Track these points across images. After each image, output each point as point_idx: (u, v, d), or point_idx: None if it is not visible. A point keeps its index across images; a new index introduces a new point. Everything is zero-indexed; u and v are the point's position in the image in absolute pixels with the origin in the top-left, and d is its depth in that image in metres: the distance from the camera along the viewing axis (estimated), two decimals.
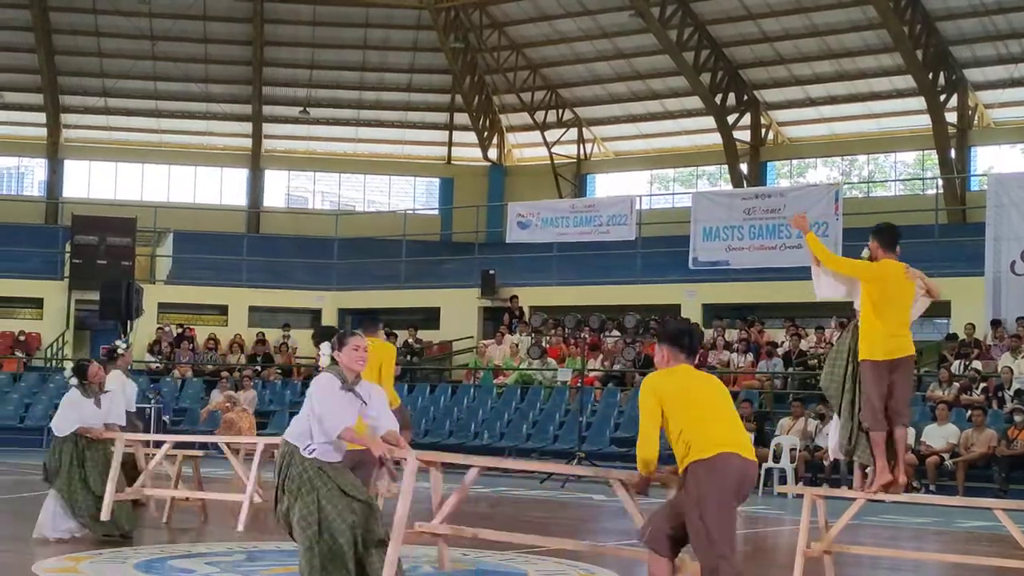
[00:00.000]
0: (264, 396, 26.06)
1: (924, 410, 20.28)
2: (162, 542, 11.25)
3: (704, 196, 28.32)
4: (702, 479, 7.16)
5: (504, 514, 15.61)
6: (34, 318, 30.05)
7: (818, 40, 29.57)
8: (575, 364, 24.26)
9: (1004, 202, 23.59)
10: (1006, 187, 24.11)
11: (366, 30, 33.29)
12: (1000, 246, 23.17)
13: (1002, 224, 23.29)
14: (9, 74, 33.70)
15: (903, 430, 9.07)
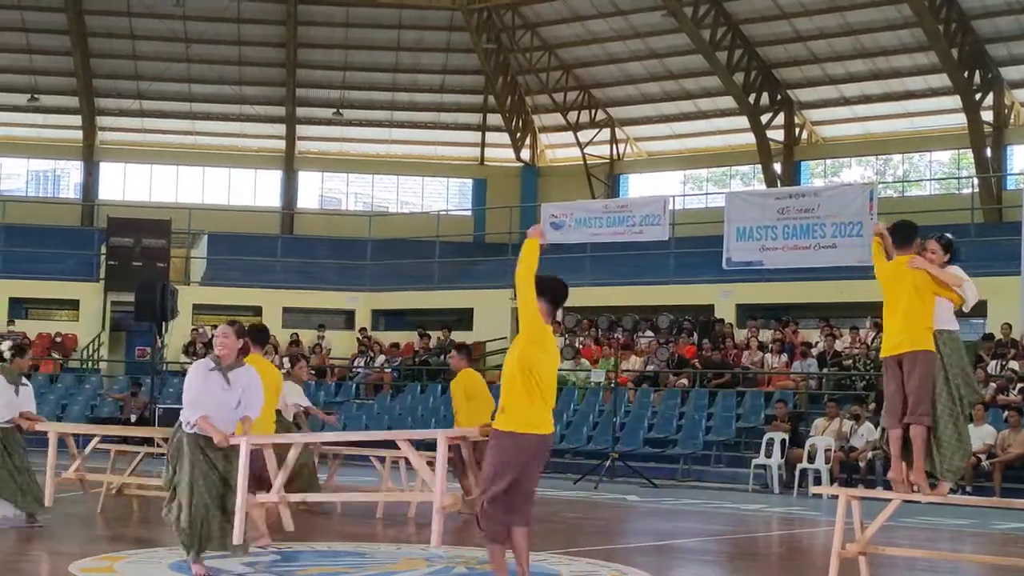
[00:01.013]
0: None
1: None
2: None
3: (738, 196, 28.23)
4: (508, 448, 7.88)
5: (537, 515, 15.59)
6: (70, 320, 30.25)
7: (852, 39, 29.46)
8: (608, 365, 24.24)
9: None
10: None
11: (399, 31, 33.37)
12: None
13: None
14: (45, 77, 33.95)
15: (918, 428, 8.89)
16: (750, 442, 21.77)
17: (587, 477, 20.68)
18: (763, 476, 20.59)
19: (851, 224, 25.15)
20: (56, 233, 32.59)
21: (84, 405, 26.87)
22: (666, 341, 25.70)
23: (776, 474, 20.38)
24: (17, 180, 36.16)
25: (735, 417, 22.89)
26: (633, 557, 11.23)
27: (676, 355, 25.19)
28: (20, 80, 33.93)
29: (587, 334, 27.10)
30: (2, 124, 34.89)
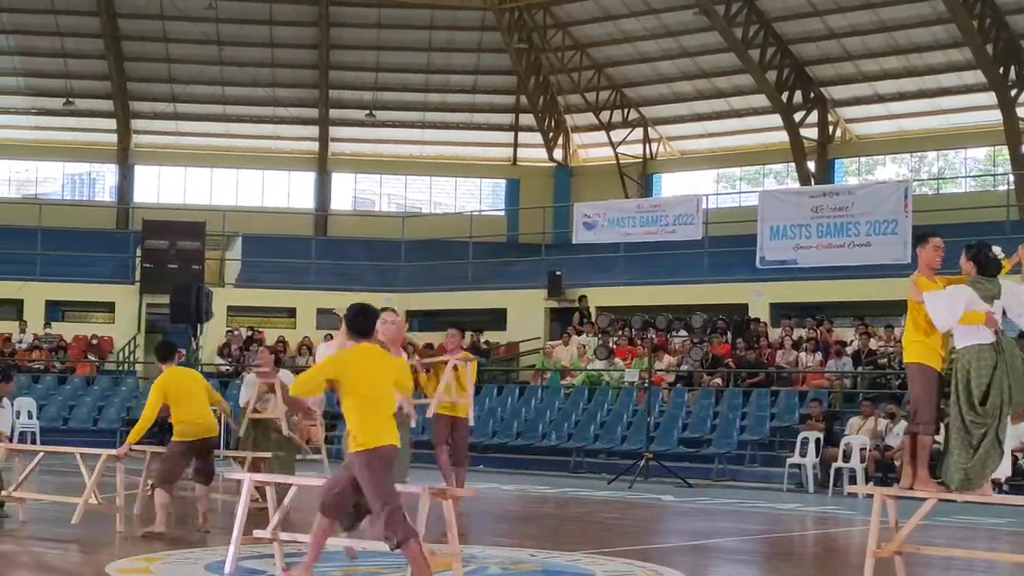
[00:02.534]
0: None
1: None
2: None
3: (771, 195, 28.19)
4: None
5: (571, 515, 15.61)
6: (106, 322, 30.44)
7: (886, 36, 29.34)
8: (642, 365, 24.20)
9: None
10: None
11: (431, 32, 33.43)
12: None
13: None
14: (80, 81, 34.18)
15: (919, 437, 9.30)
16: (785, 441, 21.74)
17: (621, 477, 20.66)
18: (798, 475, 20.55)
19: (886, 222, 25.08)
20: (92, 236, 32.79)
21: (120, 407, 27.03)
22: (700, 341, 25.68)
23: (811, 473, 20.34)
24: (53, 184, 36.42)
25: (769, 416, 22.86)
26: (668, 557, 11.22)
27: (710, 355, 25.17)
28: (55, 84, 34.16)
29: (621, 334, 27.06)
30: (38, 128, 35.15)
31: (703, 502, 17.63)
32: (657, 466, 20.85)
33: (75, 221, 33.53)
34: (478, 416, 25.18)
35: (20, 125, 35.05)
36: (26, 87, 34.16)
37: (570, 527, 14.15)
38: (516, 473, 22.28)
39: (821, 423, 21.12)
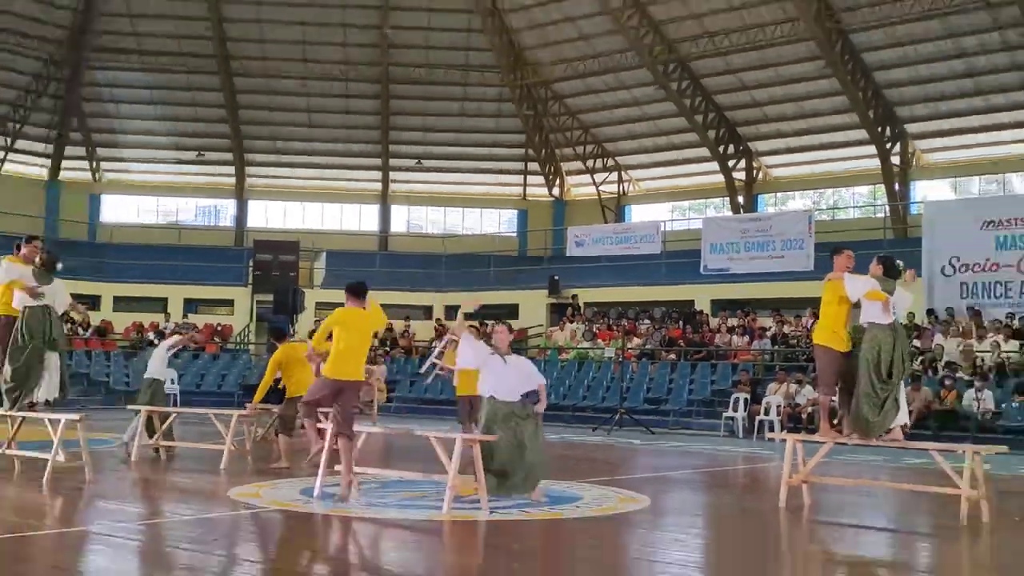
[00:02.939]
0: (392, 368, 26.32)
1: None
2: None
3: (711, 220, 28.19)
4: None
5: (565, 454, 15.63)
6: (227, 314, 30.53)
7: (795, 104, 29.27)
8: (617, 344, 24.23)
9: (935, 223, 23.32)
10: (938, 211, 23.82)
11: (463, 103, 33.45)
12: (932, 256, 22.89)
13: (934, 239, 23.02)
14: (208, 138, 34.29)
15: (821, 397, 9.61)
16: (721, 400, 21.73)
17: (602, 426, 20.71)
18: (731, 425, 20.56)
19: (795, 240, 25.12)
20: (216, 252, 32.88)
21: (237, 375, 27.13)
22: (659, 327, 25.72)
23: (740, 424, 20.34)
24: (188, 214, 36.48)
25: (710, 382, 22.87)
26: (637, 485, 11.21)
27: (667, 337, 25.21)
28: (190, 141, 34.25)
29: (601, 322, 27.11)
30: (178, 173, 35.24)
31: (662, 445, 17.64)
32: (628, 418, 20.88)
33: (204, 241, 33.67)
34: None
35: (165, 171, 35.14)
36: (169, 143, 34.26)
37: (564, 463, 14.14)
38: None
39: (748, 387, 21.13)
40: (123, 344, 28.64)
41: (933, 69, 26.69)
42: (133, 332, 28.99)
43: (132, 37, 31.73)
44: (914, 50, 26.40)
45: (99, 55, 31.83)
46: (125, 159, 34.78)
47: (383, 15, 31.27)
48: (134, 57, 31.95)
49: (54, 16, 30.72)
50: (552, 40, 31.10)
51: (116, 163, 34.88)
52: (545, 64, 31.86)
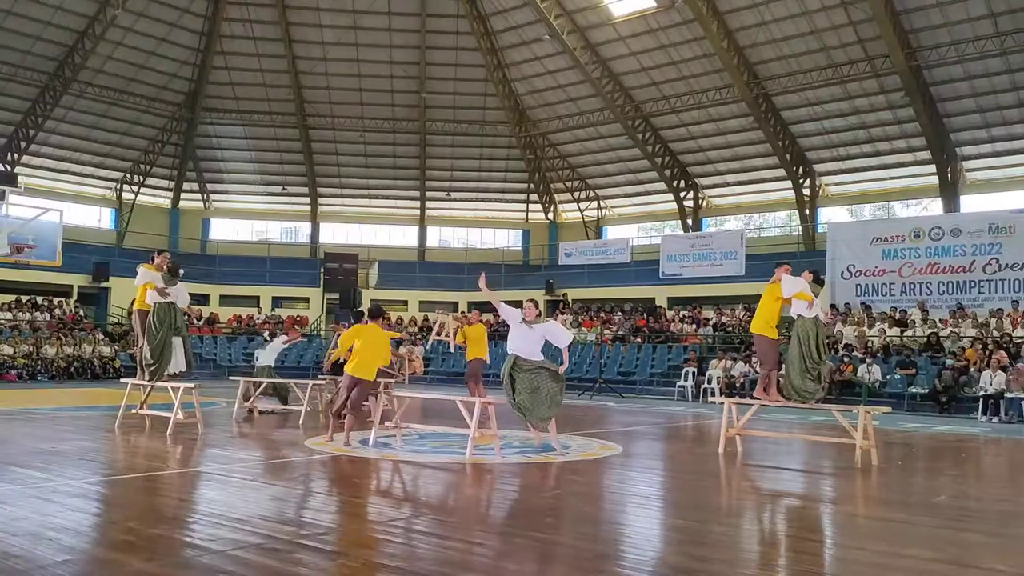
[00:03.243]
0: (427, 349, 26.31)
1: None
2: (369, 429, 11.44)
3: (668, 237, 28.15)
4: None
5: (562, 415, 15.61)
6: (304, 308, 30.59)
7: (731, 150, 29.21)
8: (597, 331, 24.21)
9: (836, 239, 23.26)
10: (838, 231, 23.77)
11: (481, 148, 33.45)
12: (834, 264, 22.85)
13: (835, 251, 22.98)
14: (289, 175, 34.33)
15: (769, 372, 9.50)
16: (675, 373, 21.72)
17: (586, 392, 20.68)
18: (683, 391, 20.52)
19: (730, 252, 25.07)
20: (296, 262, 32.95)
21: (312, 355, 27.14)
22: (629, 318, 25.67)
23: (690, 391, 20.30)
24: (275, 233, 36.47)
25: (667, 359, 22.83)
26: (612, 436, 11.22)
27: (634, 325, 25.17)
28: (276, 178, 34.29)
29: (585, 314, 27.10)
30: (267, 201, 35.28)
31: (631, 407, 17.62)
32: (605, 387, 20.87)
33: (287, 253, 33.70)
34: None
35: (257, 200, 35.17)
36: (260, 179, 34.32)
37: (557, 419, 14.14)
38: None
39: (695, 363, 21.10)
40: (226, 331, 28.72)
41: (834, 123, 26.63)
42: (234, 322, 29.04)
43: (232, 100, 31.81)
44: (821, 108, 26.35)
45: (208, 113, 31.92)
46: (228, 191, 34.86)
47: (421, 83, 31.31)
48: (234, 114, 32.02)
49: (175, 84, 30.82)
50: (548, 102, 31.09)
51: (221, 194, 34.96)
52: (542, 119, 31.85)
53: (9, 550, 4.72)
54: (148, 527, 5.35)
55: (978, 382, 16.77)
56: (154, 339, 10.40)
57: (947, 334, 19.60)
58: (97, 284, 28.54)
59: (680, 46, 26.77)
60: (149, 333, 10.42)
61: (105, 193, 32.78)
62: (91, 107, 29.66)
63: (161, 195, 34.14)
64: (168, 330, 10.46)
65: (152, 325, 10.42)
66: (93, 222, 32.61)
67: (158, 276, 10.54)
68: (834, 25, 24.01)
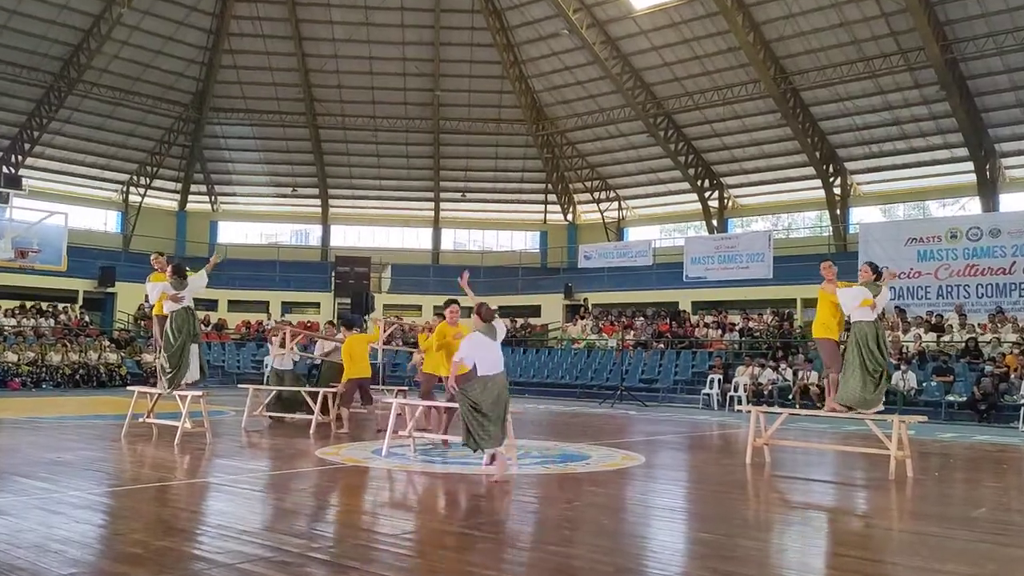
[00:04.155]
0: None
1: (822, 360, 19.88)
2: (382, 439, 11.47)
3: (691, 239, 28.07)
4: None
5: (577, 422, 15.61)
6: (315, 313, 30.72)
7: (757, 147, 29.12)
8: (618, 336, 24.16)
9: (869, 240, 23.09)
10: (870, 231, 23.59)
11: (497, 148, 33.52)
12: None
13: (868, 253, 22.78)
14: (299, 177, 34.54)
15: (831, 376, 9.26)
16: (700, 379, 21.64)
17: (606, 400, 20.65)
18: (707, 400, 20.43)
19: (757, 255, 24.95)
20: (306, 265, 33.11)
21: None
22: (651, 323, 25.59)
23: (715, 399, 20.21)
24: (285, 236, 36.74)
25: (691, 366, 22.76)
26: (634, 446, 11.19)
27: (657, 330, 25.09)
28: (286, 179, 34.56)
29: (606, 319, 27.05)
30: (277, 204, 35.54)
31: (653, 415, 17.57)
32: (627, 394, 20.82)
33: (297, 257, 33.89)
34: (524, 367, 25.20)
35: (267, 203, 35.44)
36: (269, 180, 34.57)
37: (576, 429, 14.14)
38: (545, 398, 22.28)
39: (721, 370, 21.01)
40: (235, 337, 28.90)
41: (866, 119, 26.48)
42: (243, 328, 29.24)
43: (241, 99, 32.07)
44: (852, 104, 26.20)
45: (216, 113, 32.20)
46: (236, 193, 35.14)
47: (435, 80, 31.41)
48: (242, 114, 32.29)
49: (182, 83, 31.11)
50: (566, 99, 31.11)
51: (229, 196, 35.24)
52: (560, 117, 31.88)
53: (14, 563, 4.77)
54: (155, 539, 5.39)
55: (1019, 389, 16.58)
56: (171, 347, 10.45)
57: (986, 339, 19.39)
58: (103, 289, 28.82)
59: (704, 40, 26.71)
60: (167, 341, 10.48)
61: (111, 196, 33.14)
62: (96, 108, 30.01)
63: (168, 197, 34.45)
64: (187, 337, 10.49)
65: (170, 333, 10.47)
66: (99, 225, 32.98)
67: (167, 284, 10.53)
68: (865, 17, 23.88)
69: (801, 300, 24.13)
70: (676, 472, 9.44)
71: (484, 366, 8.22)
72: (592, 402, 20.97)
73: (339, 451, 9.76)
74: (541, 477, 8.33)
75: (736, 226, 31.91)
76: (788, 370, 20.08)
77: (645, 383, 22.58)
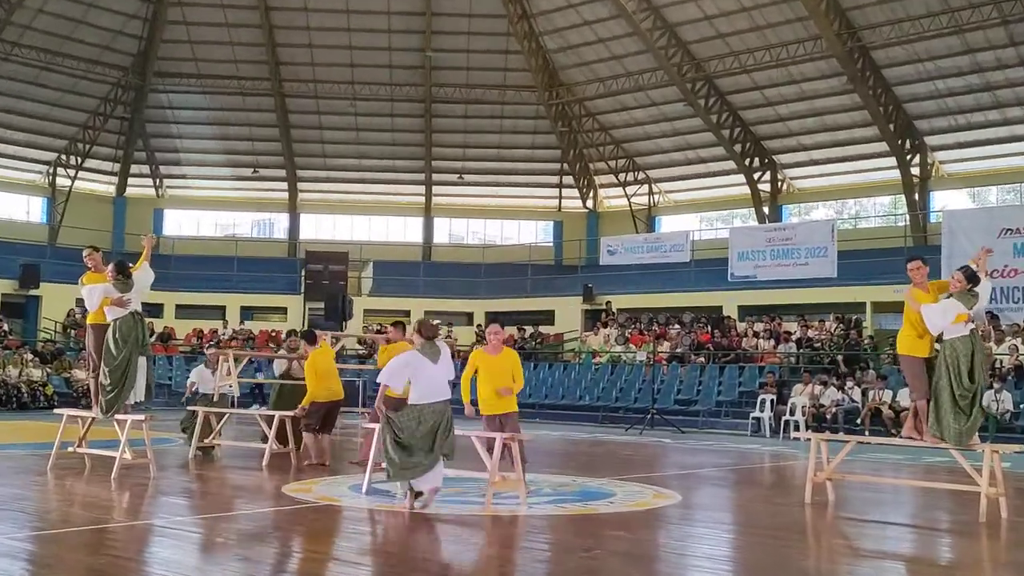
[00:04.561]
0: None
1: (899, 378, 19.82)
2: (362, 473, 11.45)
3: (738, 230, 28.08)
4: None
5: (600, 452, 15.57)
6: (280, 321, 30.78)
7: (817, 119, 29.08)
8: (649, 348, 24.14)
9: (954, 231, 23.03)
10: (957, 220, 23.52)
11: (501, 120, 33.55)
12: (951, 263, 22.52)
13: (953, 246, 22.73)
14: (262, 156, 34.63)
15: (917, 403, 9.04)
16: (748, 401, 21.61)
17: (634, 426, 20.65)
18: (758, 425, 20.41)
19: (819, 248, 24.93)
20: (270, 262, 33.19)
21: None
22: (689, 331, 25.58)
23: (767, 424, 20.20)
24: (245, 227, 36.88)
25: (737, 384, 22.74)
26: (668, 481, 11.17)
27: (696, 341, 25.07)
28: (246, 158, 34.64)
29: (633, 327, 27.03)
30: (235, 188, 35.64)
31: (691, 443, 17.56)
32: (659, 418, 20.81)
33: (259, 252, 33.98)
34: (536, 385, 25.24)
35: (223, 187, 35.54)
36: (226, 160, 34.66)
37: (599, 460, 14.13)
38: (561, 423, 22.28)
39: (774, 388, 20.98)
40: (184, 349, 28.96)
41: (951, 83, 26.41)
42: (194, 338, 29.31)
43: (192, 62, 32.17)
44: (934, 65, 26.14)
45: (162, 79, 32.31)
46: (186, 176, 35.25)
47: (426, 38, 31.45)
48: (193, 80, 32.39)
49: (121, 44, 31.22)
50: (585, 60, 31.12)
51: (177, 180, 35.35)
52: (578, 83, 31.90)
53: None
54: None
55: None
56: (115, 359, 10.29)
57: None
58: (25, 291, 28.93)
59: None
60: (108, 353, 10.30)
61: (35, 179, 33.29)
62: (17, 73, 30.14)
63: (103, 181, 34.58)
64: (134, 348, 10.35)
65: (113, 343, 10.29)
66: (20, 215, 33.14)
67: (109, 286, 10.37)
68: None
69: (871, 304, 24.07)
70: (719, 513, 9.41)
71: (420, 392, 8.28)
72: (617, 428, 20.94)
73: (311, 487, 9.76)
74: (554, 519, 8.32)
75: (792, 214, 31.82)
76: (856, 389, 20.02)
77: (681, 405, 22.54)
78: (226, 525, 7.85)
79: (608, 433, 19.76)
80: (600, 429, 20.91)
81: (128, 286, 10.41)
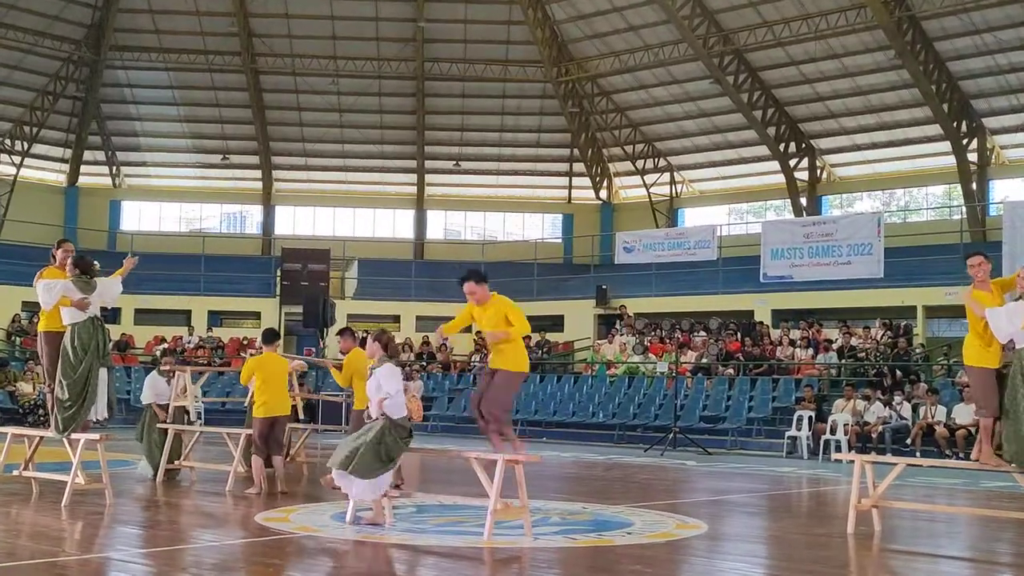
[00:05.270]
0: (429, 385, 26.41)
1: (954, 393, 19.83)
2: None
3: (771, 224, 28.03)
4: None
5: (615, 476, 15.57)
6: (254, 327, 30.67)
7: (862, 98, 29.08)
8: (670, 358, 24.12)
9: (1017, 224, 22.99)
10: (1019, 212, 23.48)
11: (503, 100, 33.57)
12: (1014, 260, 22.49)
13: (1016, 242, 22.69)
14: (233, 140, 34.67)
15: (983, 420, 8.97)
16: (783, 418, 21.57)
17: (654, 447, 20.64)
18: (794, 445, 20.40)
19: (863, 245, 24.87)
20: (242, 261, 33.17)
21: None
22: (716, 339, 25.56)
23: (805, 444, 20.18)
24: (213, 221, 36.93)
25: (771, 399, 22.69)
26: (692, 509, 11.16)
27: (724, 350, 25.04)
28: (215, 144, 34.69)
29: (653, 334, 27.02)
30: (202, 178, 35.69)
31: (719, 466, 17.54)
32: (683, 438, 20.80)
33: (229, 250, 33.97)
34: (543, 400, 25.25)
35: (187, 176, 35.59)
36: (192, 146, 34.71)
37: (614, 486, 14.11)
38: (572, 443, 22.28)
39: (812, 404, 20.94)
40: (144, 359, 28.96)
41: (1013, 58, 26.40)
42: (155, 347, 29.31)
43: (153, 34, 32.21)
44: (993, 37, 26.13)
45: (119, 53, 32.34)
46: (146, 163, 35.27)
47: (418, 7, 31.47)
48: (155, 55, 32.42)
49: (72, 13, 31.25)
50: (598, 31, 31.13)
51: (137, 167, 35.37)
52: (591, 57, 31.91)
53: None
54: None
55: None
56: (74, 371, 10.17)
57: None
58: None
59: None
60: (66, 363, 10.17)
61: None
62: None
63: (53, 168, 34.62)
64: (94, 358, 10.24)
65: (72, 352, 10.18)
66: None
67: (69, 284, 10.23)
68: None
69: (922, 308, 24.04)
70: (750, 545, 9.40)
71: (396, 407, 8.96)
72: (635, 448, 20.93)
73: (288, 516, 9.76)
74: (564, 552, 8.31)
75: (833, 206, 31.81)
76: (905, 405, 20.01)
77: (708, 422, 22.52)
78: (191, 559, 7.85)
79: (625, 454, 19.74)
80: (616, 450, 20.88)
81: (91, 287, 10.27)
